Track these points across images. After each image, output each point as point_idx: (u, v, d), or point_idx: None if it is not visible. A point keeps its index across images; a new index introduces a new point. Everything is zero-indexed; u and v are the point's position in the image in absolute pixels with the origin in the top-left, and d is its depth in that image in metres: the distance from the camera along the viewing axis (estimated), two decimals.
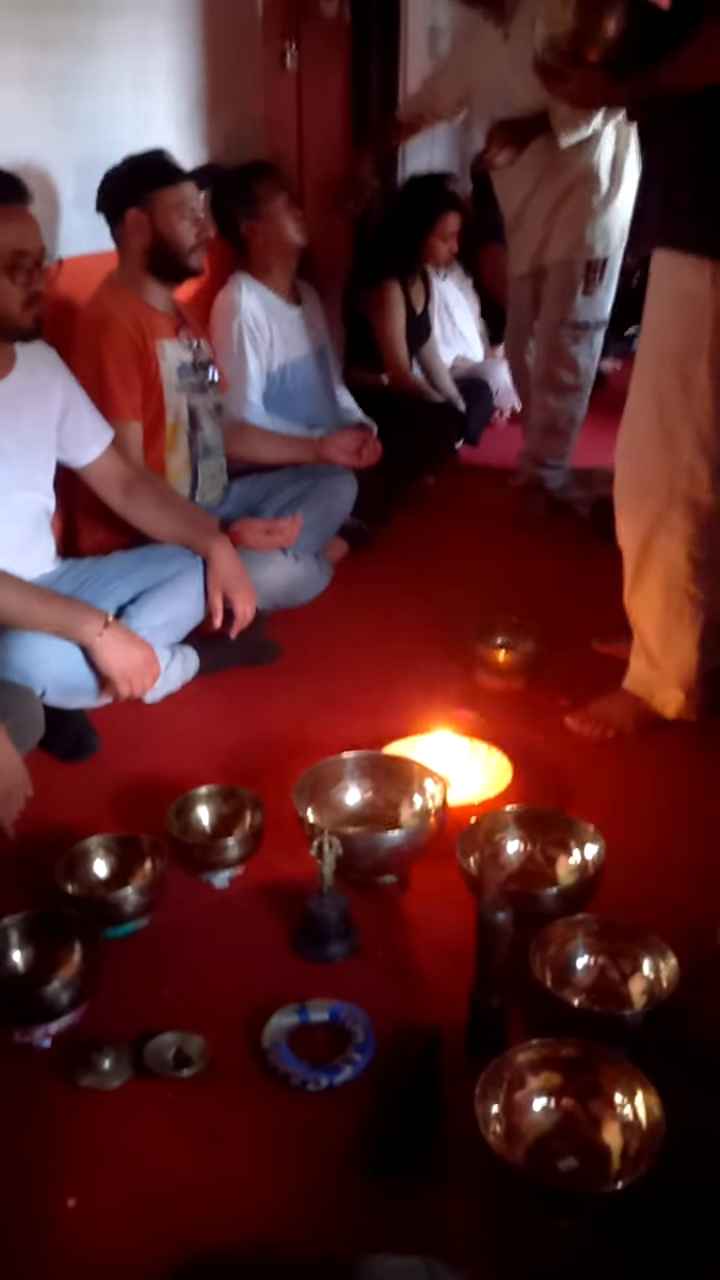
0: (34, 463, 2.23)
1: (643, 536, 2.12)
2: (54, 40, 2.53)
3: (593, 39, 1.84)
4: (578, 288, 3.29)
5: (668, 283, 1.98)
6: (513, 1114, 1.35)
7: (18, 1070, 1.50)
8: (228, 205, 3.05)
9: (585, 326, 3.34)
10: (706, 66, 1.78)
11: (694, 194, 1.88)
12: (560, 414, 3.46)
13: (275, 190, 3.08)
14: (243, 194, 3.05)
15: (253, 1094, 1.46)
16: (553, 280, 3.32)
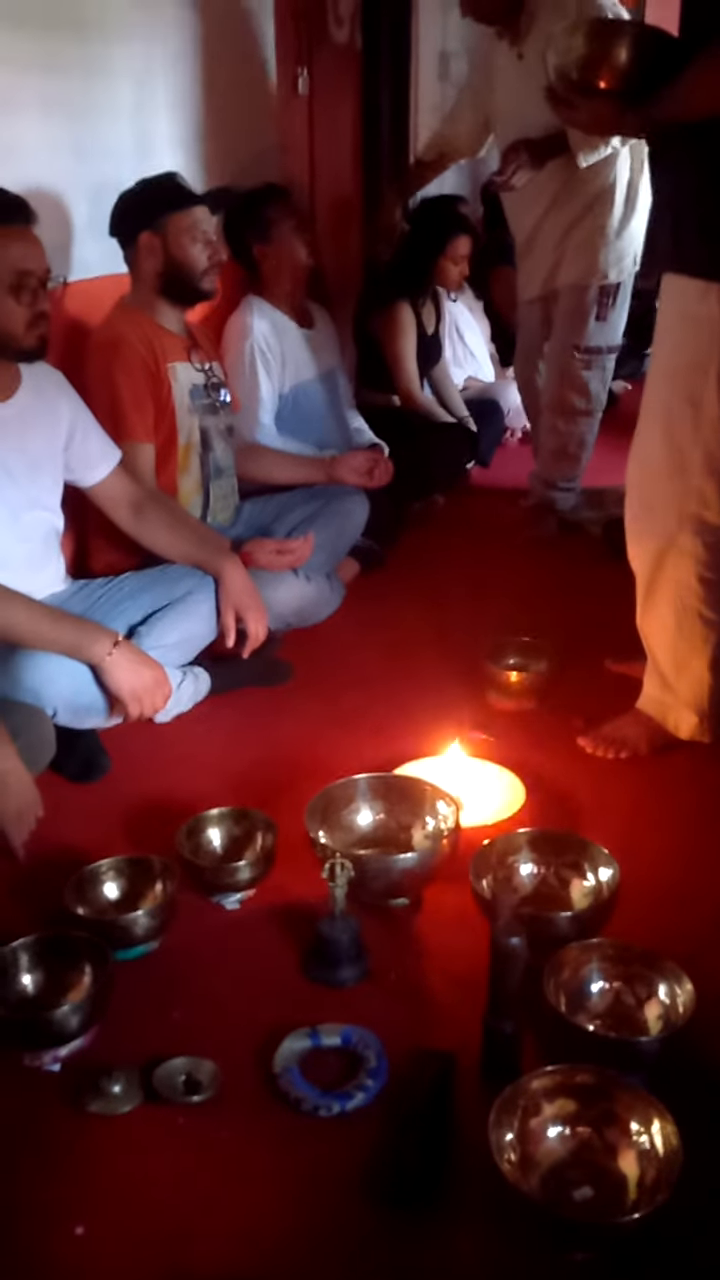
0: (42, 483, 2.23)
1: (653, 558, 2.11)
2: (66, 67, 2.55)
3: (602, 67, 1.84)
4: (590, 313, 3.27)
5: (675, 306, 1.99)
6: (527, 1142, 1.33)
7: (26, 1095, 1.48)
8: (240, 228, 3.07)
9: (598, 351, 3.33)
10: (701, 97, 1.79)
11: (700, 220, 1.89)
12: (571, 437, 3.46)
13: (287, 213, 3.10)
14: (254, 217, 3.07)
15: (264, 1120, 1.44)
16: (565, 305, 3.31)
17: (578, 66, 1.86)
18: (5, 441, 2.13)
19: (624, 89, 1.84)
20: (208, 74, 3.08)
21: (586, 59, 1.84)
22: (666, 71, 1.79)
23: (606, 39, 1.85)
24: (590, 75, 1.85)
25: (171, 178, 2.59)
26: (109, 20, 2.66)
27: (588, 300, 3.26)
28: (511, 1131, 1.32)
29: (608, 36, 1.86)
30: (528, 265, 3.39)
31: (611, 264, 3.21)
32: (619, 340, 3.39)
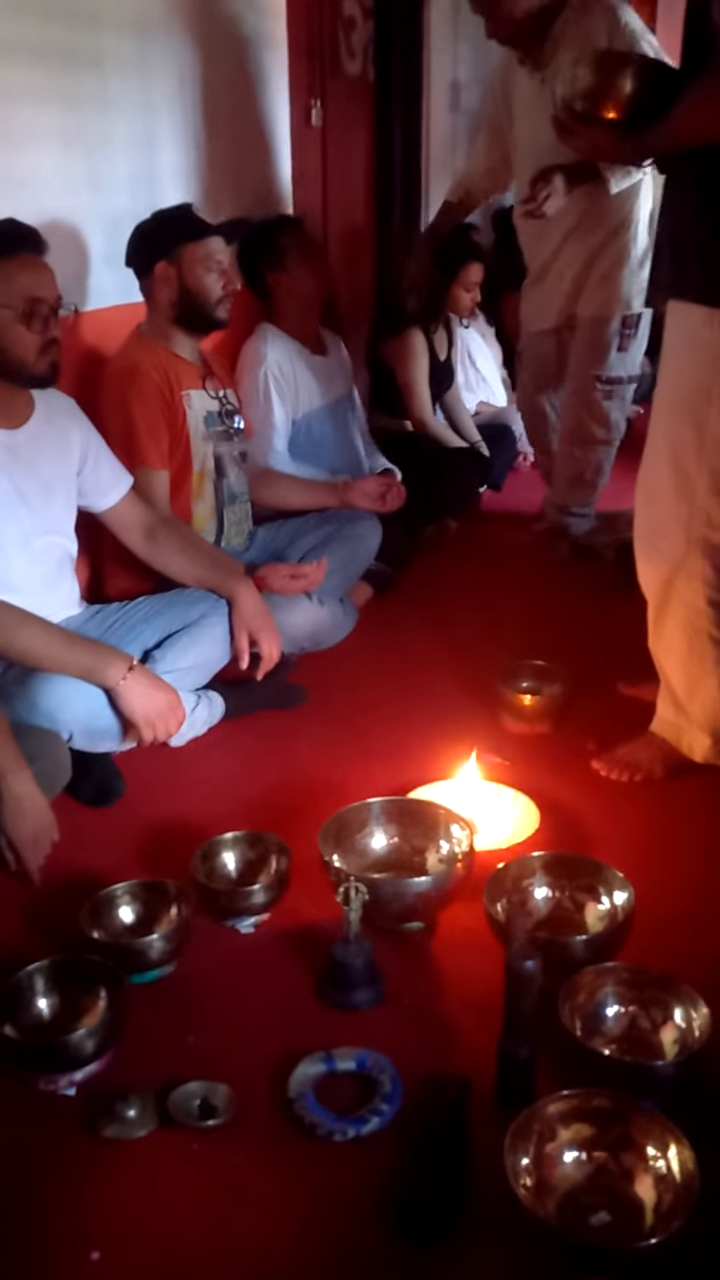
0: (55, 508, 2.26)
1: (662, 581, 2.12)
2: (84, 101, 2.59)
3: (607, 98, 1.86)
4: (613, 344, 3.23)
5: (679, 332, 2.00)
6: (543, 1167, 1.33)
7: (42, 1119, 1.48)
8: (253, 257, 3.10)
9: (619, 382, 3.31)
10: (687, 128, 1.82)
11: (699, 246, 1.90)
12: (588, 465, 3.45)
13: (300, 242, 3.13)
14: (268, 246, 3.10)
15: (279, 1145, 1.44)
16: (586, 335, 3.27)
17: (582, 97, 1.88)
18: (18, 467, 2.16)
19: (625, 119, 1.87)
20: (223, 107, 3.13)
21: (591, 90, 1.87)
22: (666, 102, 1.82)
23: (611, 71, 1.88)
24: (594, 106, 1.87)
25: (186, 209, 2.63)
26: (126, 56, 2.70)
27: (610, 331, 3.22)
28: (527, 1156, 1.31)
29: (613, 68, 1.89)
30: (539, 294, 3.35)
31: (635, 294, 3.18)
32: (639, 370, 3.38)
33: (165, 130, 2.89)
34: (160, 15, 2.81)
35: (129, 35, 2.71)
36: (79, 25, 2.55)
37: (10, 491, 2.15)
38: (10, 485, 2.15)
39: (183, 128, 2.96)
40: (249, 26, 3.22)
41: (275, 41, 3.39)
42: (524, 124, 3.11)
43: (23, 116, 2.41)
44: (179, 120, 2.94)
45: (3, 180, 2.37)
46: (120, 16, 2.67)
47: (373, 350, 3.96)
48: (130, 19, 2.70)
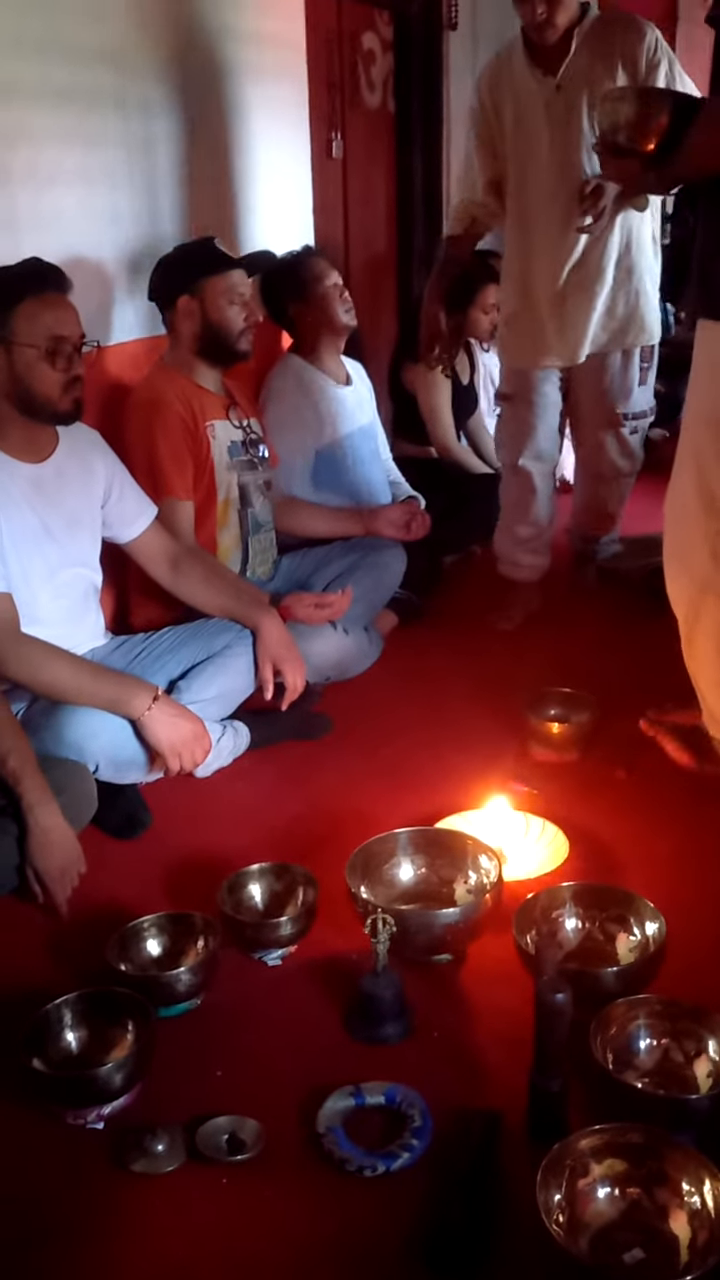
0: (80, 540, 2.28)
1: (691, 600, 2.11)
2: (107, 141, 2.64)
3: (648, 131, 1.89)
4: (636, 378, 3.07)
5: (706, 350, 2.00)
6: (575, 1203, 1.31)
7: (70, 1153, 1.48)
8: (276, 288, 3.13)
9: (643, 415, 3.17)
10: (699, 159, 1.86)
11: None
12: (613, 497, 3.35)
13: (323, 273, 3.15)
14: (290, 278, 3.13)
15: (308, 1180, 1.42)
16: (608, 371, 3.05)
17: (624, 129, 1.91)
18: (43, 500, 2.18)
19: (656, 152, 1.90)
20: (244, 143, 3.17)
21: (633, 123, 1.90)
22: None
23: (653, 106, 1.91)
24: (634, 139, 1.91)
25: (208, 242, 2.66)
26: (148, 95, 2.75)
27: (633, 365, 3.06)
28: (559, 1192, 1.29)
29: (654, 104, 1.93)
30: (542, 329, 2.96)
31: (657, 323, 3.05)
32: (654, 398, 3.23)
33: (187, 166, 2.93)
34: (181, 55, 2.85)
35: (151, 75, 2.75)
36: (102, 67, 2.60)
37: (36, 525, 2.17)
38: (36, 519, 2.17)
39: (205, 163, 3.00)
40: (269, 62, 3.26)
41: (295, 75, 3.44)
42: (535, 133, 2.82)
43: (48, 157, 2.45)
44: (201, 156, 2.98)
45: (29, 220, 2.41)
46: (142, 57, 2.72)
47: (395, 377, 3.98)
48: (152, 59, 2.75)
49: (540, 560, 3.26)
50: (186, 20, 2.86)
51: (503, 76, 2.89)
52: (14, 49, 2.33)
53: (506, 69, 2.88)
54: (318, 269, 3.14)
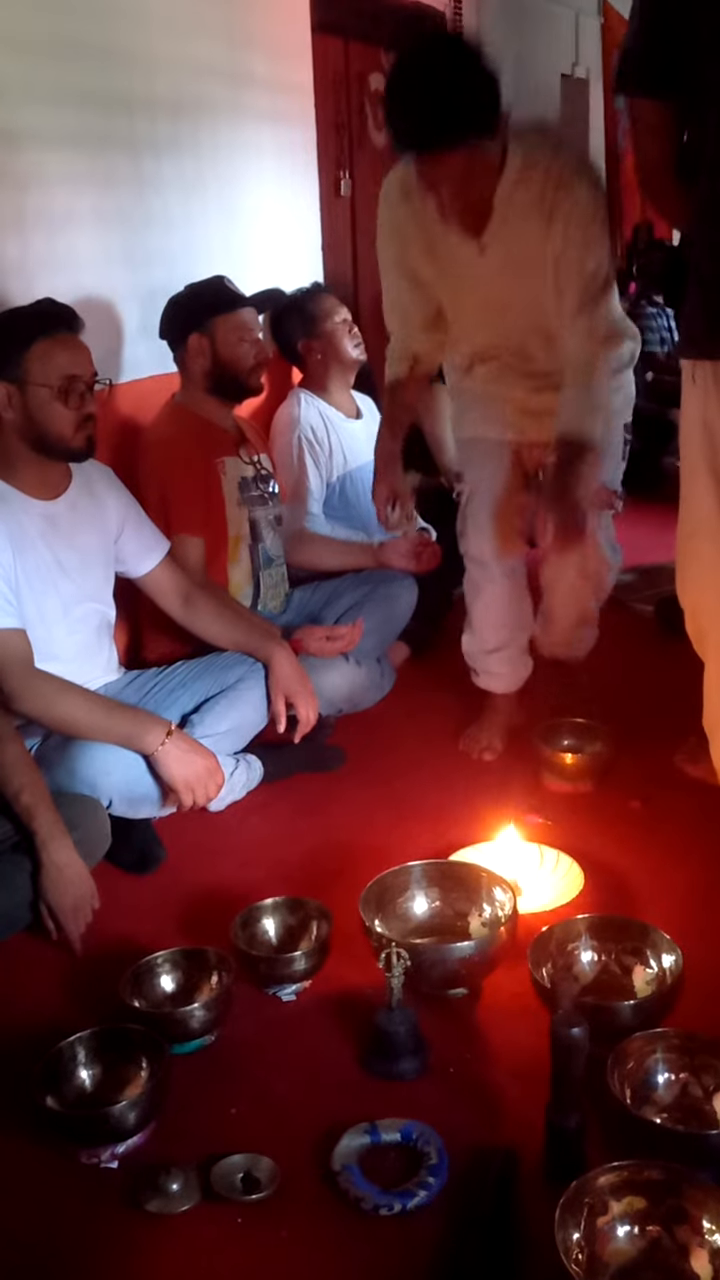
0: (93, 576, 2.29)
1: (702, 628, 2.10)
2: (119, 181, 2.68)
3: None
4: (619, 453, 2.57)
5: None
6: (595, 1242, 1.29)
7: (84, 1192, 1.47)
8: (285, 326, 3.16)
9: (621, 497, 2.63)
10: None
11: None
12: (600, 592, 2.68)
13: (331, 309, 3.18)
14: (300, 315, 3.16)
15: (323, 1220, 1.41)
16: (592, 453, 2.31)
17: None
18: (57, 537, 2.20)
19: None
20: (253, 182, 3.21)
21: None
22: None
23: None
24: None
25: (218, 281, 2.69)
26: (158, 137, 2.79)
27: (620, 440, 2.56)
28: (578, 1231, 1.28)
29: None
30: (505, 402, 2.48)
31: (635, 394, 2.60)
32: None
33: (197, 206, 2.97)
34: (191, 97, 2.90)
35: (161, 117, 2.80)
36: (113, 110, 2.64)
37: (50, 561, 2.18)
38: (50, 555, 2.18)
39: (214, 203, 3.04)
40: (278, 104, 3.31)
41: (303, 117, 3.48)
42: (462, 287, 2.36)
43: (60, 199, 2.49)
44: (210, 196, 3.02)
45: (42, 261, 2.45)
46: (152, 100, 2.76)
47: None
48: (162, 102, 2.80)
49: (520, 670, 2.65)
50: (196, 65, 2.91)
51: (423, 221, 2.26)
52: (27, 95, 2.37)
53: (423, 213, 2.23)
54: (326, 305, 3.17)
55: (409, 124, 2.03)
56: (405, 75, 2.02)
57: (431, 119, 1.99)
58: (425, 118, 2.00)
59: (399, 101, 2.02)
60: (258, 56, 3.19)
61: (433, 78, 1.97)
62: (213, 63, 2.99)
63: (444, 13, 4.45)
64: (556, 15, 5.86)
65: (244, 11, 3.10)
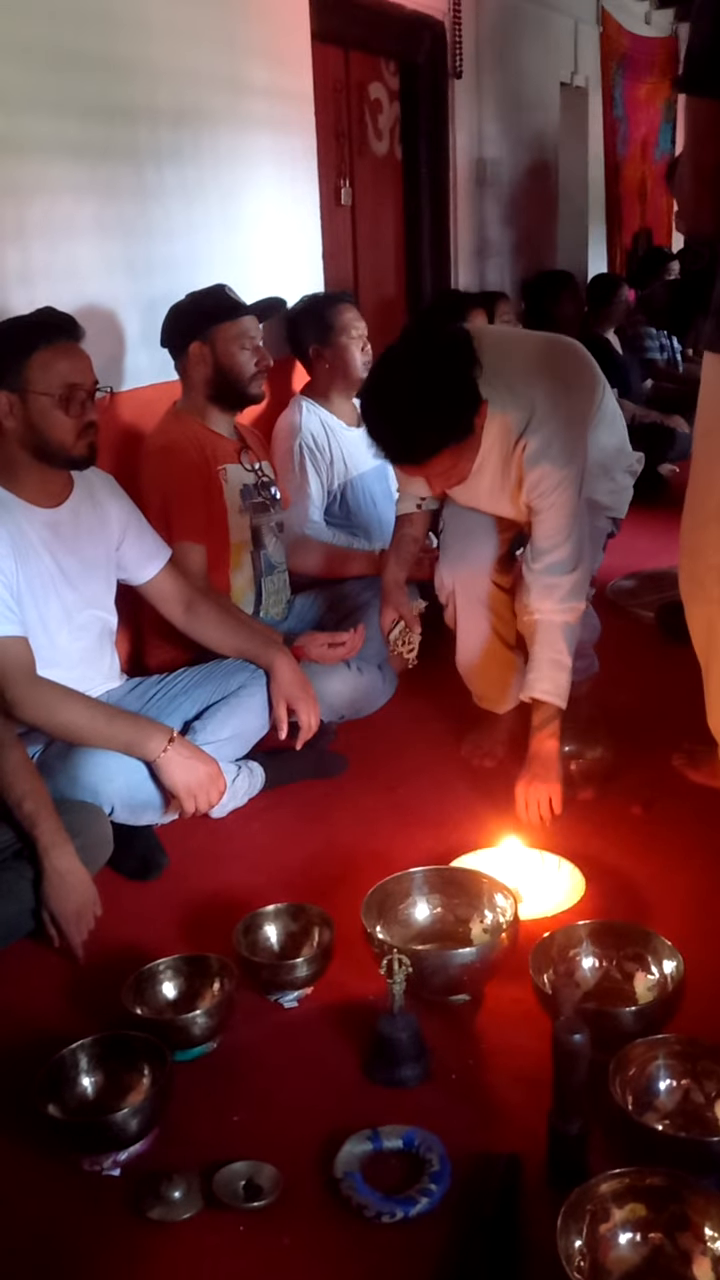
0: (95, 583, 2.30)
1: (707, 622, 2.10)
2: (121, 191, 2.69)
3: None
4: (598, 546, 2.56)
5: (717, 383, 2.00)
6: (597, 1249, 1.29)
7: (86, 1200, 1.47)
8: (302, 326, 3.17)
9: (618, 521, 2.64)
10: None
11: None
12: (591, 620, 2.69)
13: (349, 324, 3.18)
14: (318, 319, 3.17)
15: (326, 1227, 1.41)
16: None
17: None
18: (59, 544, 2.20)
19: None
20: (254, 191, 3.22)
21: None
22: None
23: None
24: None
25: (219, 289, 2.70)
26: (160, 147, 2.80)
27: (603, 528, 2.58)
28: (580, 1238, 1.28)
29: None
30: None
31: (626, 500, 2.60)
32: None
33: (199, 215, 2.98)
34: (192, 106, 2.91)
35: (163, 127, 2.81)
36: (115, 120, 2.65)
37: (52, 569, 2.19)
38: (52, 563, 2.19)
39: (215, 212, 3.06)
40: (278, 112, 3.32)
41: (304, 125, 3.50)
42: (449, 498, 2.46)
43: (62, 209, 2.50)
44: (211, 205, 3.03)
45: (45, 270, 2.46)
46: (154, 109, 2.78)
47: None
48: (163, 111, 2.81)
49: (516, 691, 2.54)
50: (197, 74, 2.93)
51: None
52: (30, 105, 2.38)
53: None
54: (345, 318, 3.17)
55: (385, 444, 2.06)
56: (379, 396, 2.04)
57: (405, 446, 2.05)
58: (399, 444, 2.05)
59: (375, 421, 2.04)
60: (258, 66, 3.20)
61: (402, 403, 1.98)
62: (214, 72, 3.00)
63: (443, 21, 4.46)
64: (555, 24, 5.87)
65: (244, 21, 3.12)
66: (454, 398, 2.01)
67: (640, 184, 7.54)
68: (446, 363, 2.02)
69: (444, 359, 2.03)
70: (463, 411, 2.03)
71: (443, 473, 2.14)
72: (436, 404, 1.99)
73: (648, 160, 7.61)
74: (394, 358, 2.07)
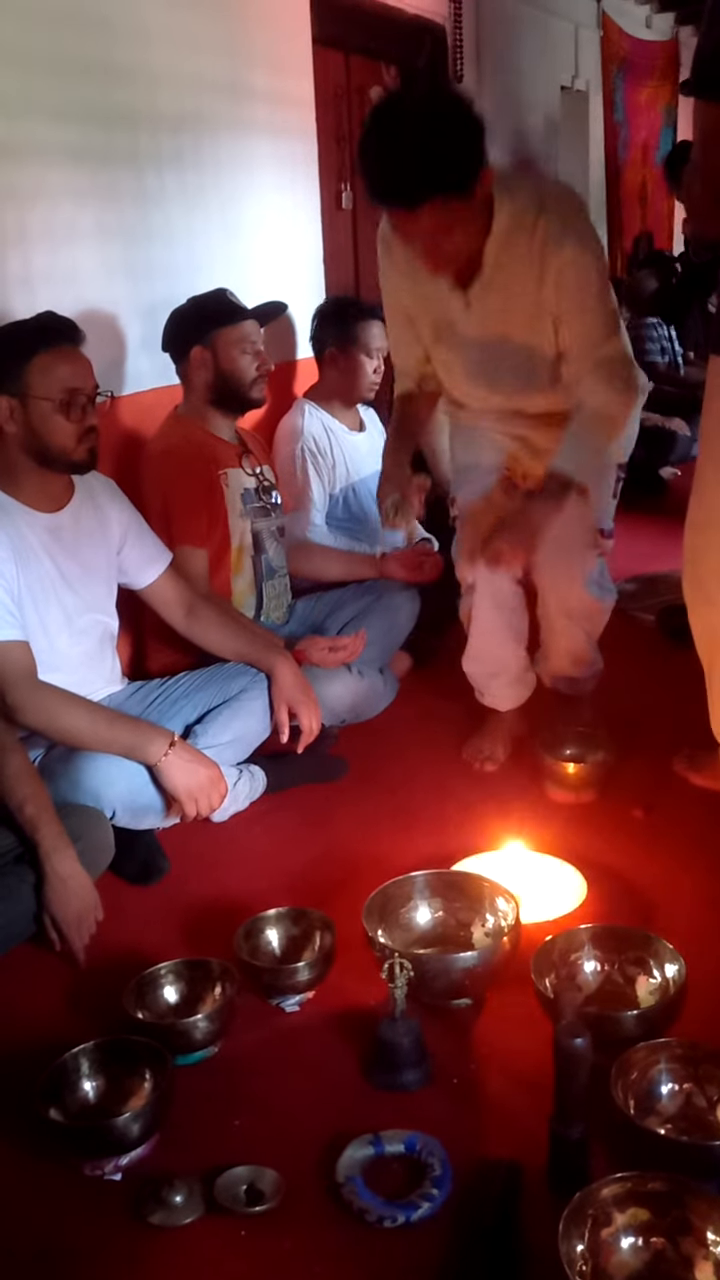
0: (96, 587, 2.30)
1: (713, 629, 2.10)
2: (122, 196, 2.69)
3: None
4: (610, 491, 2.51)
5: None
6: (599, 1254, 1.28)
7: (88, 1205, 1.46)
8: (326, 325, 3.18)
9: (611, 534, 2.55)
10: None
11: None
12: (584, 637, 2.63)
13: (370, 343, 3.16)
14: (344, 325, 3.16)
15: (327, 1231, 1.41)
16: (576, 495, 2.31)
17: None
18: (60, 548, 2.20)
19: None
20: (255, 195, 3.23)
21: None
22: None
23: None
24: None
25: (220, 294, 2.70)
26: (161, 152, 2.81)
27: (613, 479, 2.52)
28: (582, 1243, 1.27)
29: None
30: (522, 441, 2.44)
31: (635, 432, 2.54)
32: None
33: (199, 220, 2.98)
34: (193, 111, 2.92)
35: (164, 132, 2.82)
36: (115, 125, 2.66)
37: (53, 573, 2.19)
38: (53, 567, 2.19)
39: (216, 216, 3.06)
40: (279, 117, 3.33)
41: (305, 129, 3.50)
42: (455, 344, 2.34)
43: (63, 214, 2.51)
44: (212, 209, 3.04)
45: (46, 275, 2.46)
46: (155, 115, 2.78)
47: None
48: (164, 116, 2.81)
49: (523, 689, 2.64)
50: (198, 79, 2.93)
51: (409, 264, 2.24)
52: (30, 111, 2.39)
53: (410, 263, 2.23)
54: (368, 335, 3.16)
55: (374, 178, 1.98)
56: (376, 127, 1.97)
57: (396, 176, 1.95)
58: (391, 174, 1.95)
59: (367, 153, 1.97)
60: (259, 70, 3.21)
61: (403, 133, 1.92)
62: (214, 77, 3.01)
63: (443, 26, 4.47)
64: (555, 28, 5.88)
65: (245, 26, 3.12)
66: (457, 143, 1.94)
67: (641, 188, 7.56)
68: (456, 114, 1.96)
69: (455, 110, 1.96)
70: (465, 159, 1.95)
71: (433, 233, 2.02)
72: (437, 144, 1.91)
73: (648, 164, 7.63)
74: (404, 98, 2.05)
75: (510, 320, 2.22)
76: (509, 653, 2.59)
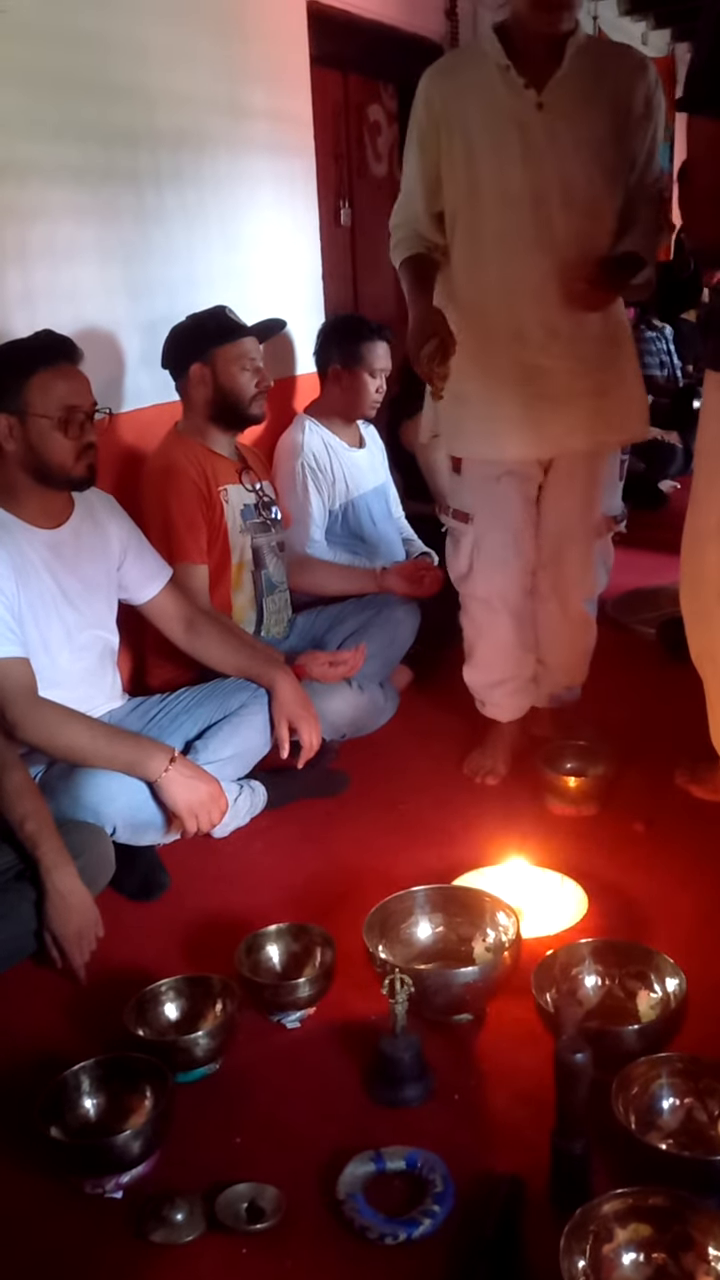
0: (96, 603, 2.30)
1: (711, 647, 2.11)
2: (121, 214, 2.71)
3: None
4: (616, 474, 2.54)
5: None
6: (600, 1269, 1.28)
7: (88, 1223, 1.46)
8: (332, 341, 3.19)
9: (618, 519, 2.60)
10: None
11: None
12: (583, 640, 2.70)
13: (374, 361, 3.17)
14: (350, 343, 3.17)
15: (329, 1249, 1.40)
16: (591, 470, 2.44)
17: None
18: (60, 565, 2.21)
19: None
20: (254, 213, 3.24)
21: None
22: None
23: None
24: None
25: (220, 311, 2.71)
26: (160, 170, 2.82)
27: (618, 460, 2.55)
28: (583, 1259, 1.27)
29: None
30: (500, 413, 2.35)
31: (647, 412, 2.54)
32: None
33: (199, 237, 3.00)
34: (192, 130, 2.94)
35: (163, 150, 2.83)
36: (115, 144, 2.67)
37: (54, 589, 2.20)
38: (54, 583, 2.20)
39: (215, 234, 3.07)
40: (278, 135, 3.34)
41: (303, 147, 3.52)
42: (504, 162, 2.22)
43: (64, 233, 2.52)
44: (211, 227, 3.05)
45: (46, 293, 2.47)
46: (154, 133, 2.80)
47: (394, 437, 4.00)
48: (163, 135, 2.83)
49: (525, 699, 2.65)
50: (197, 98, 2.95)
51: (463, 84, 2.24)
52: (30, 130, 2.40)
53: (469, 74, 2.24)
54: (374, 355, 3.16)
55: None
56: None
57: None
58: None
59: None
60: (258, 89, 3.23)
61: None
62: (213, 96, 3.03)
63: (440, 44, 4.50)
64: None
65: (244, 45, 3.14)
66: None
67: None
68: None
69: None
70: None
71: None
72: None
73: None
74: None
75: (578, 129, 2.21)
76: (519, 659, 2.61)
